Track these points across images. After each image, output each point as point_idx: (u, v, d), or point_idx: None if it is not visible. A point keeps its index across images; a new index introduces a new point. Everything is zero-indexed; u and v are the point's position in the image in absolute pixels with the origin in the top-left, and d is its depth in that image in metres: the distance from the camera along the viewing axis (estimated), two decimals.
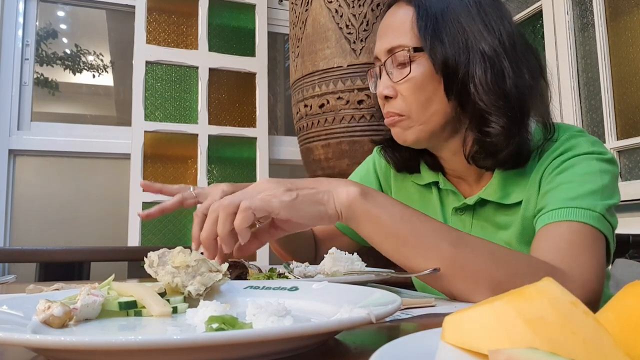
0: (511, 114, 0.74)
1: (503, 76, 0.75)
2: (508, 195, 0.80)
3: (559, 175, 0.74)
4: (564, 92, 2.00)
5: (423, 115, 0.78)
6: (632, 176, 1.80)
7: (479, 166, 0.81)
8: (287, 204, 0.60)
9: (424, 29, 0.76)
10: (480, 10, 0.78)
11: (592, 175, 0.72)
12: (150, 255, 0.55)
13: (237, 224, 0.59)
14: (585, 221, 0.68)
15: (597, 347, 0.23)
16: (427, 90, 0.77)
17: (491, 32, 0.76)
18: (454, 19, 0.77)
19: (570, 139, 0.77)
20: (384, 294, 0.50)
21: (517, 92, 0.74)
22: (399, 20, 0.80)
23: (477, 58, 0.75)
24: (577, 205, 0.69)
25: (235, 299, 0.56)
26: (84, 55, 2.83)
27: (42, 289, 0.69)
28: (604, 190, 0.71)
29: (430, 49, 0.76)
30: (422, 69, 0.77)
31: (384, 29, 0.82)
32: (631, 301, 0.27)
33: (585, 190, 0.70)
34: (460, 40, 0.76)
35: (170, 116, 2.42)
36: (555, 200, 0.71)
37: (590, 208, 0.69)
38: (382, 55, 0.81)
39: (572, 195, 0.70)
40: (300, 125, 1.91)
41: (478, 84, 0.75)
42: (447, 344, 0.28)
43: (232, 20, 2.60)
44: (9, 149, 2.23)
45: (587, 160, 0.74)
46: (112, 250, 1.74)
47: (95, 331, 0.44)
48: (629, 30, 1.82)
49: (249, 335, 0.32)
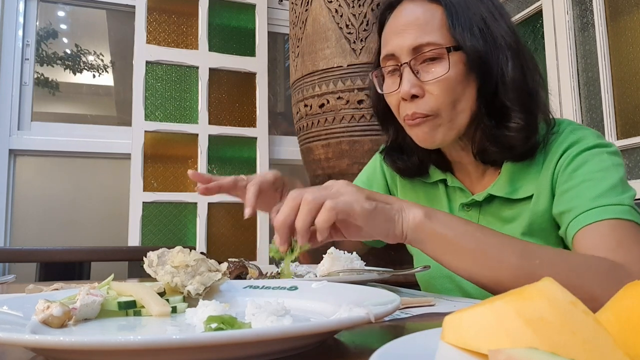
0: (532, 110, 0.76)
1: (524, 73, 0.77)
2: (516, 190, 0.80)
3: (575, 172, 0.75)
4: (564, 92, 2.00)
5: (452, 113, 0.77)
6: (633, 176, 1.80)
7: (486, 161, 0.82)
8: (367, 213, 0.61)
9: (458, 27, 0.76)
10: (495, 10, 0.79)
11: (608, 170, 0.73)
12: (150, 255, 0.55)
13: (321, 221, 0.60)
14: (621, 217, 0.68)
15: (597, 347, 0.23)
16: (458, 89, 0.76)
17: (509, 31, 0.78)
18: (479, 18, 0.77)
19: (575, 132, 0.78)
20: (383, 293, 0.50)
21: (535, 88, 0.77)
22: (423, 17, 0.77)
23: (506, 55, 0.77)
24: (606, 203, 0.69)
25: (235, 299, 0.56)
26: (84, 55, 2.83)
27: (41, 288, 0.69)
28: (622, 184, 0.73)
29: (470, 47, 0.75)
30: (458, 68, 0.76)
31: (403, 27, 0.79)
32: (631, 301, 0.27)
33: (606, 187, 0.71)
34: (489, 39, 0.77)
35: (171, 116, 2.42)
36: (581, 202, 0.72)
37: (619, 203, 0.69)
38: (405, 53, 0.77)
39: (597, 193, 0.71)
40: (300, 125, 1.91)
41: (508, 82, 0.76)
42: (447, 344, 0.28)
43: (232, 20, 2.60)
44: (9, 149, 2.23)
45: (598, 155, 0.75)
46: (112, 250, 1.74)
47: (95, 331, 0.44)
48: (629, 30, 1.82)
49: (247, 335, 0.32)
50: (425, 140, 0.80)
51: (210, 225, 2.39)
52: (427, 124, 0.78)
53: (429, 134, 0.78)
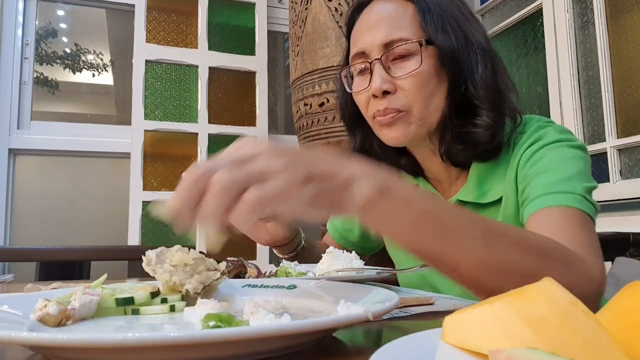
0: (500, 108, 0.76)
1: (495, 72, 0.77)
2: (485, 194, 0.79)
3: (533, 167, 0.74)
4: (564, 91, 2.00)
5: (425, 110, 0.76)
6: (632, 174, 1.80)
7: (453, 162, 0.81)
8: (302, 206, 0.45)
9: (430, 22, 0.76)
10: (465, 11, 0.80)
11: (565, 161, 0.72)
12: (149, 254, 0.55)
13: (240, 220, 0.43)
14: (570, 204, 0.67)
15: (597, 347, 0.23)
16: (430, 84, 0.76)
17: (481, 32, 0.79)
18: (451, 16, 0.78)
19: (539, 130, 0.78)
20: (382, 291, 0.50)
21: (504, 88, 0.77)
22: (395, 13, 0.78)
23: (477, 53, 0.77)
24: (557, 190, 0.68)
25: (233, 297, 0.56)
26: (84, 54, 2.82)
27: (40, 288, 0.69)
28: (580, 175, 0.71)
29: (442, 41, 0.75)
30: (429, 63, 0.75)
31: (374, 23, 0.78)
32: (631, 301, 0.27)
33: (561, 176, 0.70)
34: (460, 36, 0.77)
35: (170, 115, 2.41)
36: (534, 190, 0.71)
37: (570, 191, 0.68)
38: (376, 49, 0.77)
39: (549, 181, 0.70)
40: (300, 124, 1.90)
41: (478, 80, 0.76)
42: (447, 344, 0.28)
43: (232, 19, 2.60)
44: (9, 148, 2.23)
45: (558, 149, 0.74)
46: (112, 250, 1.74)
47: (92, 329, 0.44)
48: (629, 28, 1.82)
49: (245, 332, 0.32)
50: (395, 138, 0.78)
51: None
52: (401, 120, 0.76)
53: (401, 130, 0.77)
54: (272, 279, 0.69)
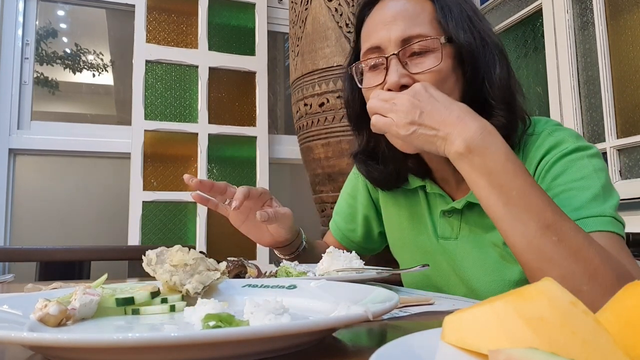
0: (514, 109, 0.76)
1: (509, 73, 0.77)
2: None
3: (554, 181, 0.72)
4: (563, 91, 2.00)
5: None
6: (632, 174, 1.80)
7: None
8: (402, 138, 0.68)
9: (451, 20, 0.76)
10: (477, 11, 0.81)
11: (589, 178, 0.70)
12: (149, 254, 0.55)
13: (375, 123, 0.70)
14: (602, 229, 0.66)
15: (597, 347, 0.23)
16: (449, 82, 0.75)
17: (492, 30, 0.80)
18: (467, 16, 0.78)
19: (553, 134, 0.77)
20: (382, 291, 0.50)
21: (516, 88, 0.77)
22: (411, 10, 0.77)
23: (494, 53, 0.77)
24: (587, 215, 0.67)
25: (233, 297, 0.56)
26: (84, 54, 2.82)
27: (40, 288, 0.69)
28: (604, 191, 0.70)
29: (463, 40, 0.75)
30: (448, 61, 0.75)
31: (391, 18, 0.77)
32: (631, 301, 0.27)
33: (588, 197, 0.68)
34: (477, 36, 0.77)
35: (170, 115, 2.41)
36: None
37: (600, 214, 0.67)
38: (393, 44, 0.76)
39: (577, 205, 0.68)
40: (300, 124, 1.90)
41: (495, 80, 0.75)
42: (447, 343, 0.28)
43: (232, 19, 2.60)
44: (9, 148, 2.23)
45: (578, 161, 0.72)
46: (112, 250, 1.74)
47: (92, 329, 0.44)
48: (629, 28, 1.82)
49: (245, 332, 0.32)
50: None
51: (210, 224, 2.39)
52: None
53: None
54: (272, 279, 0.69)
